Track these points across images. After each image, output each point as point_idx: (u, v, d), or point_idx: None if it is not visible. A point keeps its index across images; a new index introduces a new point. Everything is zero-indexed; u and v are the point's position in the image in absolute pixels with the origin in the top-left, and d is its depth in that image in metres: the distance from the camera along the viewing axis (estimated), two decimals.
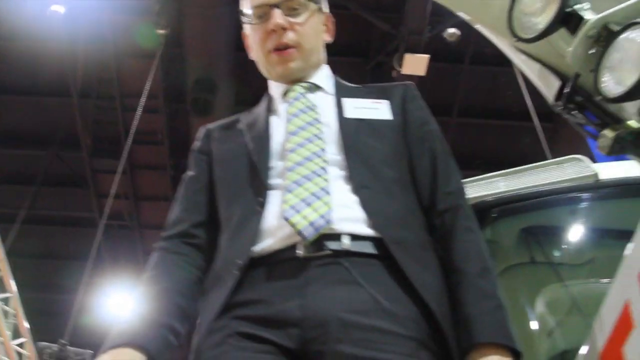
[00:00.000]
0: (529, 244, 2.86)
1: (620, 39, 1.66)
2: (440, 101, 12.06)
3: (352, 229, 1.63)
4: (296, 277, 1.60)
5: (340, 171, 1.74)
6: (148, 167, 12.69)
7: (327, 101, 1.91)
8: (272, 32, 1.89)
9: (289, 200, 1.65)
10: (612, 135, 1.76)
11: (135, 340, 1.60)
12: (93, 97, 12.16)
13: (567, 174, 2.68)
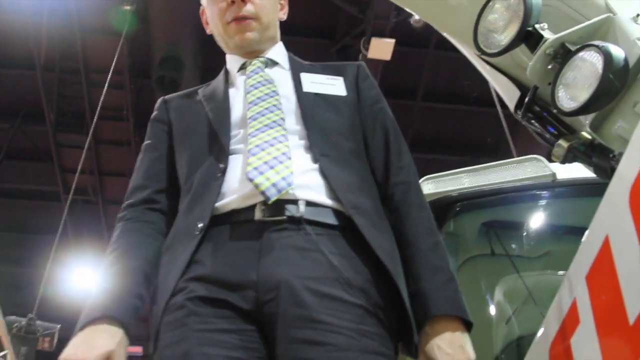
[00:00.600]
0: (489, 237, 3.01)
1: (575, 58, 1.80)
2: (405, 85, 12.22)
3: (310, 197, 1.72)
4: (253, 240, 1.66)
5: (300, 140, 1.83)
6: (112, 143, 12.63)
7: (284, 76, 2.00)
8: (232, 4, 1.97)
9: (253, 163, 1.72)
10: (566, 146, 1.91)
11: (109, 313, 1.65)
12: (57, 72, 12.03)
13: (527, 172, 2.84)
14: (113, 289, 1.71)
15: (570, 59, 1.81)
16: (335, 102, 1.94)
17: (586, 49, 1.79)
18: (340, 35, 11.72)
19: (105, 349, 1.61)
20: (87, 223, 13.79)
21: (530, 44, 1.90)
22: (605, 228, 1.53)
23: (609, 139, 1.89)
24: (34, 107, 12.44)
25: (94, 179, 13.06)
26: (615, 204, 1.50)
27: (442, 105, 12.61)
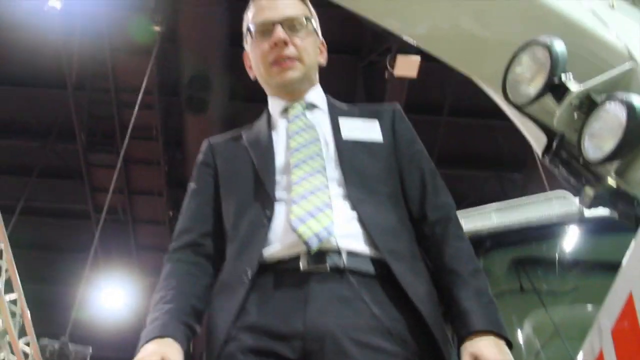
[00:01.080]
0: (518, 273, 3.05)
1: (599, 110, 1.85)
2: (430, 101, 12.21)
3: (351, 246, 1.80)
4: (299, 290, 1.75)
5: (339, 188, 1.90)
6: (142, 162, 12.75)
7: (324, 120, 2.08)
8: (274, 46, 2.06)
9: (296, 212, 1.81)
10: (592, 193, 1.94)
11: (171, 334, 1.79)
12: (88, 91, 12.22)
13: (554, 209, 2.87)
14: (169, 317, 1.83)
15: (595, 111, 1.85)
16: (372, 148, 2.02)
17: (610, 100, 1.82)
18: (367, 52, 11.77)
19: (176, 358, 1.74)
20: (116, 242, 13.93)
21: (556, 94, 1.94)
22: (629, 284, 1.56)
23: (634, 186, 1.93)
24: (65, 127, 12.62)
25: (123, 198, 13.19)
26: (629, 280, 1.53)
27: (468, 120, 12.57)
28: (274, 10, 2.12)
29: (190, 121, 11.29)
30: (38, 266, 13.95)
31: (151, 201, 13.14)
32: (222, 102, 11.28)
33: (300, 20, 2.12)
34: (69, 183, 13.66)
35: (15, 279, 9.65)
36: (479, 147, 12.82)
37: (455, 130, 12.71)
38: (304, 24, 2.13)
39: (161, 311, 1.85)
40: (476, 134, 12.62)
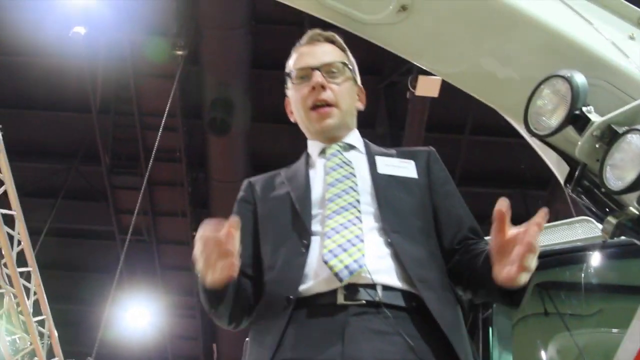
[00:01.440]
0: (542, 297, 3.08)
1: (621, 141, 1.89)
2: (452, 119, 12.23)
3: (386, 281, 1.87)
4: (336, 324, 1.81)
5: (375, 222, 1.99)
6: (165, 184, 12.89)
7: (360, 158, 2.18)
8: (312, 90, 2.19)
9: (328, 246, 1.89)
10: (614, 222, 1.98)
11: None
12: (112, 114, 12.40)
13: (578, 234, 2.90)
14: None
15: (617, 142, 1.89)
16: (407, 183, 2.11)
17: (631, 132, 1.87)
18: (388, 72, 11.83)
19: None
20: (140, 262, 14.04)
21: (577, 126, 1.99)
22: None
23: None
24: (90, 149, 12.81)
25: (147, 219, 13.31)
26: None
27: (491, 138, 12.56)
28: (313, 57, 2.26)
29: (213, 142, 11.41)
30: (64, 286, 14.08)
31: (175, 222, 13.25)
32: (244, 124, 11.39)
33: (337, 66, 2.25)
34: (94, 205, 13.82)
35: (43, 300, 9.80)
36: (501, 165, 12.80)
37: (478, 148, 12.72)
38: (342, 70, 2.25)
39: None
40: (498, 152, 12.60)
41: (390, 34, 2.33)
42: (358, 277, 1.84)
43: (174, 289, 14.57)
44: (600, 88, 2.09)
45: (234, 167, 11.70)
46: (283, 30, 11.41)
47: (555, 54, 2.13)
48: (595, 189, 2.06)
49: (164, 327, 14.96)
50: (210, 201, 12.19)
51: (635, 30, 2.23)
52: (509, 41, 2.20)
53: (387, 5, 2.25)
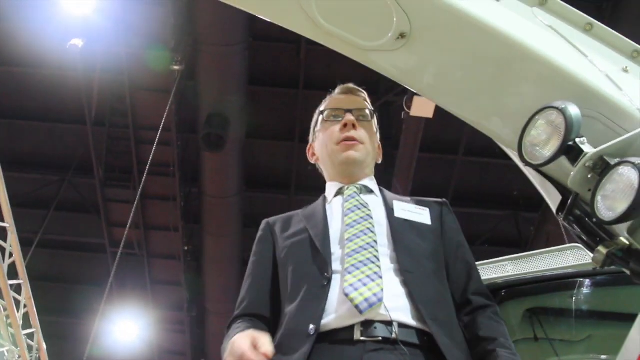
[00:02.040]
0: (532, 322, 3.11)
1: (613, 173, 1.92)
2: (446, 139, 12.31)
3: (401, 319, 1.96)
4: (353, 359, 1.89)
5: (390, 262, 2.09)
6: (158, 198, 12.90)
7: (377, 202, 2.30)
8: (344, 128, 2.36)
9: (349, 280, 1.99)
10: (604, 252, 2.01)
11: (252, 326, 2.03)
12: (107, 127, 12.41)
13: (568, 260, 2.94)
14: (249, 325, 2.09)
15: (609, 174, 1.92)
16: (421, 229, 2.23)
17: (623, 164, 1.90)
18: (383, 91, 11.90)
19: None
20: (130, 276, 14.02)
21: (570, 156, 2.02)
22: (637, 349, 1.62)
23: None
24: (83, 162, 12.83)
25: (139, 233, 13.30)
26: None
27: (484, 159, 12.63)
28: (347, 102, 2.47)
29: (207, 158, 11.43)
30: (53, 298, 14.05)
31: (166, 236, 13.25)
32: (239, 140, 11.42)
33: (368, 113, 2.46)
34: (86, 217, 13.82)
35: (33, 314, 9.75)
36: (494, 186, 12.87)
37: (471, 169, 12.80)
38: (370, 118, 2.45)
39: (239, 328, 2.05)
40: (491, 174, 12.68)
41: (387, 61, 2.36)
42: (375, 314, 1.94)
43: (163, 303, 14.53)
44: (593, 120, 2.12)
45: (228, 183, 11.72)
46: (280, 48, 11.48)
47: (551, 85, 2.16)
48: (586, 219, 2.09)
49: (153, 341, 14.91)
50: (203, 216, 12.18)
51: (629, 63, 2.27)
52: (505, 72, 2.23)
53: (386, 32, 2.28)
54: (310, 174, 2.71)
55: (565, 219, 2.17)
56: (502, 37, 2.19)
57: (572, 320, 3.13)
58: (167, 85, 11.04)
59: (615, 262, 2.02)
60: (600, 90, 2.13)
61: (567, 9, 2.37)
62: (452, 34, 2.26)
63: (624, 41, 2.33)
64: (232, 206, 11.89)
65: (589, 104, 2.11)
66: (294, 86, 11.92)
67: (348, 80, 2.64)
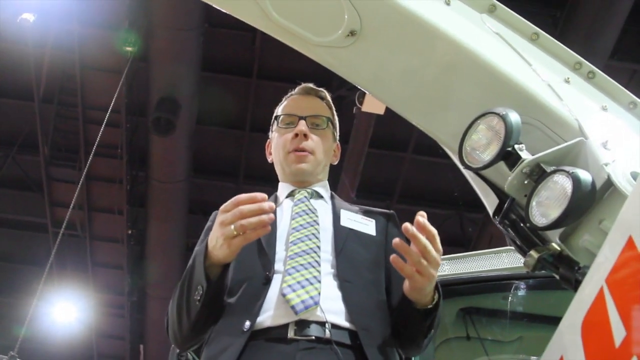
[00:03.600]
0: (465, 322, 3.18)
1: (548, 180, 1.98)
2: (396, 137, 12.40)
3: (334, 320, 2.01)
4: (286, 357, 1.93)
5: (331, 269, 2.14)
6: (104, 180, 12.74)
7: (326, 208, 2.36)
8: (295, 137, 2.39)
9: (288, 281, 2.04)
10: (536, 256, 2.07)
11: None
12: (55, 105, 12.19)
13: (504, 263, 3.01)
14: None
15: (544, 181, 1.98)
16: (365, 239, 2.29)
17: (558, 172, 1.96)
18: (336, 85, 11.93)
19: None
20: (71, 258, 13.83)
21: (509, 162, 2.07)
22: (560, 350, 1.68)
23: (576, 251, 2.05)
24: (29, 138, 12.57)
25: (82, 214, 13.11)
26: (570, 331, 1.66)
27: (432, 158, 12.77)
28: (302, 107, 2.49)
29: (156, 142, 11.31)
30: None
31: (110, 219, 13.10)
32: (188, 126, 11.33)
33: (322, 120, 2.49)
34: (29, 195, 13.56)
35: None
36: (441, 185, 12.99)
37: (419, 167, 12.92)
38: (325, 125, 2.49)
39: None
40: (439, 173, 12.80)
41: (336, 57, 2.39)
42: (310, 314, 1.99)
43: (104, 286, 14.37)
44: (533, 127, 2.18)
45: (175, 168, 11.63)
46: (236, 36, 11.41)
47: (493, 91, 2.21)
48: (521, 223, 2.15)
49: (92, 324, 14.74)
50: (148, 201, 12.06)
51: (571, 74, 2.33)
52: (450, 75, 2.28)
53: (336, 29, 2.31)
54: (259, 164, 2.73)
55: (500, 222, 2.22)
56: (449, 41, 2.23)
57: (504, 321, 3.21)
58: (119, 66, 10.88)
59: (545, 266, 2.09)
60: (541, 99, 2.20)
61: (515, 17, 2.42)
62: (401, 35, 2.30)
63: (568, 52, 2.40)
64: (179, 192, 11.81)
65: (530, 112, 2.17)
66: (247, 75, 11.87)
67: (302, 71, 2.64)
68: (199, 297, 2.00)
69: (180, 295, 2.08)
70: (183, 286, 2.07)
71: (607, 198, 1.98)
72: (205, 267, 1.99)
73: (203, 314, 2.05)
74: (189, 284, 2.04)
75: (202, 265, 1.99)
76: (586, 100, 2.29)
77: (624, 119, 2.29)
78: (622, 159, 2.01)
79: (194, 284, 2.02)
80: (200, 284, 1.99)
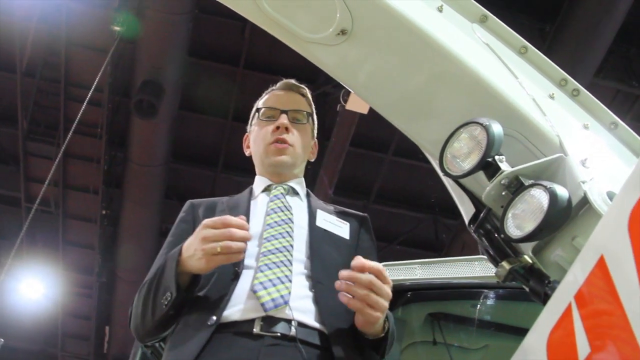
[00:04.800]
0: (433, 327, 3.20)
1: (525, 193, 2.00)
2: (378, 137, 12.42)
3: (302, 319, 2.01)
4: (251, 352, 1.92)
5: (303, 269, 2.14)
6: (82, 158, 12.64)
7: (301, 207, 2.36)
8: (276, 129, 2.40)
9: (259, 278, 2.03)
10: (507, 267, 2.10)
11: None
12: (37, 79, 12.06)
13: (475, 271, 3.03)
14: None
15: (521, 193, 2.00)
16: (338, 242, 2.29)
17: (536, 186, 1.98)
18: (322, 81, 11.93)
19: None
20: (43, 234, 13.71)
21: (488, 172, 2.09)
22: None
23: (547, 266, 2.08)
24: (8, 111, 12.43)
25: (57, 191, 13.01)
26: (536, 344, 1.68)
27: (412, 162, 12.80)
28: (284, 101, 2.50)
29: (137, 124, 11.23)
30: None
31: (85, 198, 13.01)
32: (171, 110, 11.26)
33: (303, 115, 2.50)
34: (4, 168, 13.42)
35: None
36: (419, 189, 13.04)
37: (398, 169, 12.95)
38: (305, 120, 2.50)
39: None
40: (417, 177, 12.84)
41: (325, 55, 2.39)
42: (278, 311, 1.98)
43: (74, 265, 14.27)
44: (515, 140, 2.20)
45: (154, 152, 11.56)
46: (226, 24, 11.36)
47: (479, 101, 2.23)
48: (495, 233, 2.17)
49: (58, 302, 14.63)
50: (124, 182, 11.97)
51: (556, 90, 2.35)
52: (437, 82, 2.29)
53: (328, 26, 2.31)
54: (239, 154, 2.72)
55: (475, 231, 2.24)
56: (439, 48, 2.24)
57: (471, 329, 3.24)
58: (105, 45, 10.76)
59: (516, 278, 2.11)
60: (525, 113, 2.21)
61: (505, 29, 2.44)
62: (392, 38, 2.31)
63: (554, 68, 2.42)
64: (156, 176, 11.74)
65: (513, 124, 2.19)
66: (234, 64, 11.82)
67: (289, 65, 2.65)
68: (166, 302, 2.00)
69: (147, 293, 2.08)
70: (151, 285, 2.08)
71: (582, 215, 2.00)
72: (177, 274, 1.99)
73: (168, 315, 2.05)
74: (157, 286, 2.05)
75: (173, 271, 1.99)
76: (569, 117, 2.31)
77: (605, 138, 2.32)
78: (599, 178, 2.03)
79: (162, 287, 2.02)
80: (170, 291, 2.00)
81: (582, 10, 9.31)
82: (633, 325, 1.27)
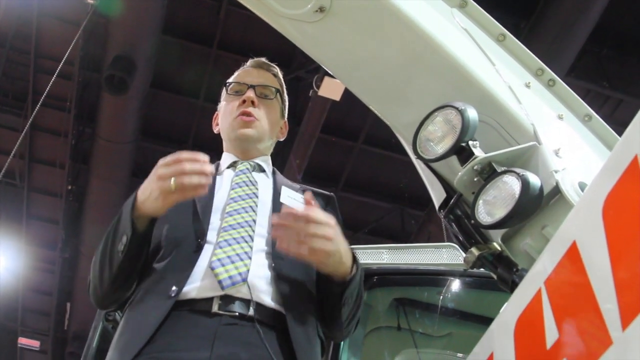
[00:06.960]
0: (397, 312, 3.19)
1: (497, 180, 1.99)
2: (348, 125, 12.42)
3: (260, 299, 1.97)
4: (208, 331, 1.89)
5: (264, 245, 2.09)
6: (49, 131, 12.46)
7: (267, 183, 2.31)
8: (242, 103, 2.36)
9: (218, 255, 1.99)
10: (476, 254, 2.09)
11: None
12: (6, 49, 11.85)
13: (442, 258, 3.03)
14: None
15: (494, 180, 1.99)
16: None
17: (508, 173, 1.98)
18: (296, 66, 11.87)
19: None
20: (6, 207, 13.52)
21: (461, 157, 2.08)
22: (491, 347, 1.70)
23: (515, 254, 2.08)
24: None
25: (23, 164, 12.82)
26: (502, 329, 1.68)
27: (381, 151, 12.82)
28: (252, 77, 2.46)
29: (107, 100, 11.08)
30: None
31: (51, 172, 12.83)
32: (142, 87, 11.12)
33: (271, 91, 2.45)
34: None
35: None
36: (387, 179, 13.07)
37: (368, 158, 12.95)
38: (273, 96, 2.45)
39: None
40: (386, 166, 12.87)
41: (301, 31, 2.37)
42: (237, 290, 1.95)
43: (37, 240, 14.10)
44: (489, 126, 2.19)
45: (123, 129, 11.42)
46: (201, 3, 11.25)
47: (455, 85, 2.22)
48: (465, 219, 2.17)
49: (20, 277, 14.45)
50: (92, 158, 11.82)
51: (532, 80, 2.35)
52: (413, 64, 2.27)
53: (306, 3, 2.28)
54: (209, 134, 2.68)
55: (445, 216, 2.24)
56: (417, 30, 2.23)
57: (435, 316, 3.24)
58: (77, 18, 10.58)
59: (485, 264, 2.11)
60: (501, 100, 2.21)
61: (484, 16, 2.43)
62: (370, 17, 2.28)
63: (532, 58, 2.41)
64: (124, 153, 11.61)
65: (488, 111, 2.18)
66: (208, 44, 11.71)
67: (263, 48, 2.60)
68: (122, 248, 1.96)
69: (104, 246, 2.04)
70: (108, 237, 2.04)
71: (553, 205, 2.01)
72: (133, 218, 1.96)
73: (125, 268, 2.01)
74: (114, 235, 2.01)
75: (129, 215, 1.96)
76: (544, 107, 2.31)
77: (578, 129, 2.32)
78: (572, 168, 2.04)
79: (118, 234, 1.98)
80: (125, 234, 1.96)
81: (557, 8, 9.38)
82: (602, 309, 1.27)
